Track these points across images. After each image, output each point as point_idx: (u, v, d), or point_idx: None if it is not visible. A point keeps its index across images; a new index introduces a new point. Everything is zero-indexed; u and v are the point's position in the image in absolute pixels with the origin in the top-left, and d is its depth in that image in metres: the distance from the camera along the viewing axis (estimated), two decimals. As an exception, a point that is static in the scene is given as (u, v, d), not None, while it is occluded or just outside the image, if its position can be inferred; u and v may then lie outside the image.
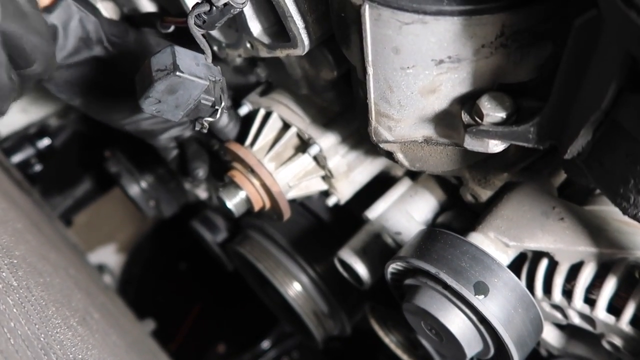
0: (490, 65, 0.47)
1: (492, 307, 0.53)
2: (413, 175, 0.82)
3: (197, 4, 0.51)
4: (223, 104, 0.53)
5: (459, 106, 0.50)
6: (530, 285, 0.62)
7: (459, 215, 0.75)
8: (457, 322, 0.57)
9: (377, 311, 0.85)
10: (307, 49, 0.61)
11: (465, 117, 0.48)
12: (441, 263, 0.56)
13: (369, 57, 0.50)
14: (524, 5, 0.43)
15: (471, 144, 0.49)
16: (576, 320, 0.60)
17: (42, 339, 0.38)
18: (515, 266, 0.64)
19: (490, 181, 0.68)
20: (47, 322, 0.43)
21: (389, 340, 0.86)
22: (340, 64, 0.69)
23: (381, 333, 0.86)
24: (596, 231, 0.59)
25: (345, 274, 0.78)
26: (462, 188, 0.71)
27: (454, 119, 0.51)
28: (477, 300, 0.53)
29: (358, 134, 0.77)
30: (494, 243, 0.62)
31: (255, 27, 0.64)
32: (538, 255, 0.63)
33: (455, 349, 0.58)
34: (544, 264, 0.62)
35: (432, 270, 0.55)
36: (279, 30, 0.64)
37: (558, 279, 0.60)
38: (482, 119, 0.46)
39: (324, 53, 0.68)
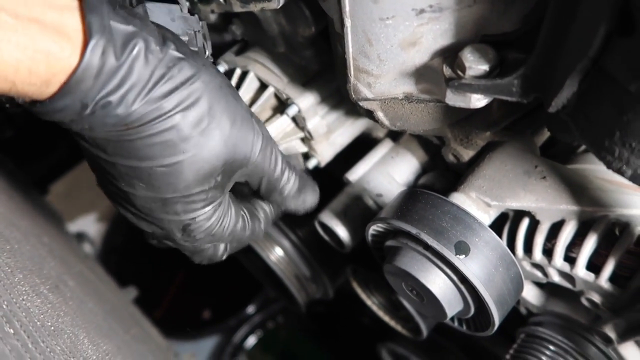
0: (474, 15, 0.45)
1: (473, 266, 0.53)
2: (394, 136, 0.80)
3: None
4: (207, 52, 0.51)
5: (441, 59, 0.48)
6: (512, 244, 0.62)
7: (441, 176, 0.74)
8: (437, 282, 0.56)
9: (359, 274, 0.84)
10: (282, 2, 0.58)
11: (447, 71, 0.46)
12: (422, 223, 0.55)
13: (347, 7, 0.47)
14: (509, -51, 0.40)
15: (453, 99, 0.47)
16: (556, 278, 0.60)
17: (4, 306, 0.36)
18: (497, 226, 0.63)
19: (473, 141, 0.67)
20: (11, 289, 0.41)
21: (371, 303, 0.86)
22: (318, 19, 0.66)
23: (363, 295, 0.86)
24: (578, 189, 0.58)
25: (326, 237, 0.77)
26: (444, 148, 0.69)
27: (435, 74, 0.49)
28: (458, 260, 0.52)
29: (338, 94, 0.75)
30: (476, 203, 0.62)
31: (227, -22, 0.61)
32: (519, 215, 0.62)
33: (436, 309, 0.58)
34: (525, 223, 0.61)
35: (413, 230, 0.54)
36: (253, -18, 0.61)
37: (539, 238, 0.59)
38: (464, 72, 0.44)
39: (300, 7, 0.65)
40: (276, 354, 1.67)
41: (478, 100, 0.46)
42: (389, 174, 0.75)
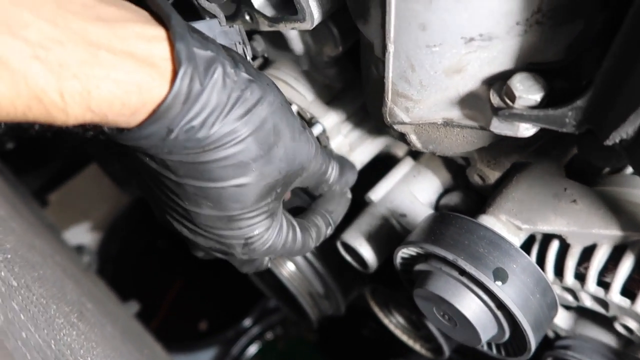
0: (522, 44, 0.44)
1: (511, 293, 0.52)
2: (414, 154, 0.80)
3: None
4: (248, 57, 0.51)
5: (486, 87, 0.47)
6: (541, 267, 0.61)
7: (465, 196, 0.73)
8: (473, 308, 0.56)
9: (378, 293, 0.84)
10: (316, 22, 0.57)
11: (495, 99, 0.45)
12: (458, 249, 0.54)
13: (391, 33, 0.46)
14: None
15: (499, 127, 0.46)
16: (588, 302, 0.60)
17: (53, 346, 0.35)
18: (524, 248, 0.63)
19: (500, 162, 0.67)
20: (52, 324, 0.39)
21: (389, 322, 0.85)
22: (346, 39, 0.65)
23: (381, 315, 0.85)
24: (610, 213, 0.58)
25: (348, 258, 0.76)
26: (470, 169, 0.69)
27: (478, 101, 0.49)
28: (497, 288, 0.52)
29: (361, 112, 0.74)
30: (506, 226, 0.61)
31: (257, -4, 0.60)
32: (547, 237, 0.62)
33: (470, 334, 0.57)
34: (554, 246, 0.61)
35: (450, 256, 0.54)
36: (283, 0, 0.60)
37: (570, 262, 0.59)
38: (513, 101, 0.44)
39: (329, 27, 0.64)
40: (276, 366, 1.66)
41: (526, 130, 0.46)
42: (411, 193, 0.75)
